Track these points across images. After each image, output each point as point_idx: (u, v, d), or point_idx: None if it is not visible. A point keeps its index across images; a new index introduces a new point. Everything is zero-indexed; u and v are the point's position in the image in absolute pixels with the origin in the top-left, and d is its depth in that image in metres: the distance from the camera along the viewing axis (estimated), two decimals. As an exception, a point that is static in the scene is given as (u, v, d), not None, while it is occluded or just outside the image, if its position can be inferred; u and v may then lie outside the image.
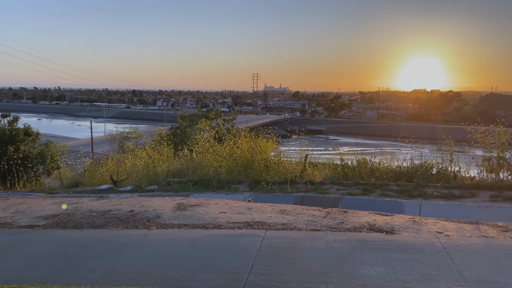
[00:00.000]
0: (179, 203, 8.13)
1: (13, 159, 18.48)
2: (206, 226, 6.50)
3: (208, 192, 12.42)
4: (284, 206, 8.13)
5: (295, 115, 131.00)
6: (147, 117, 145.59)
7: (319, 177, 13.95)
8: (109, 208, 7.75)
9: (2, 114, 21.11)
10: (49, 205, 8.41)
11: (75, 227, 6.64)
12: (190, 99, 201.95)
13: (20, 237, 6.17)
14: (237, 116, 45.44)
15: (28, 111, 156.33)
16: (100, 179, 18.12)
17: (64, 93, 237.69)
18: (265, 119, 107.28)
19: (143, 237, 5.97)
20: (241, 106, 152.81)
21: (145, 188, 13.98)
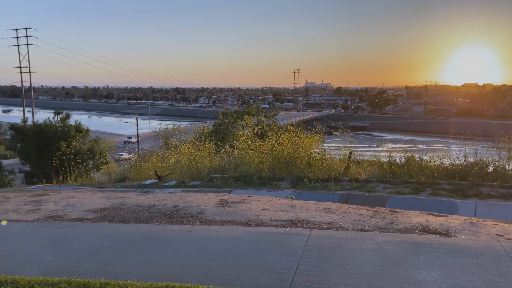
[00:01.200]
0: (222, 199, 8.10)
1: (65, 154, 19.41)
2: (249, 223, 6.39)
3: (249, 189, 12.35)
4: (329, 204, 7.87)
5: (337, 111, 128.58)
6: (190, 114, 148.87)
7: (364, 175, 13.48)
8: (154, 203, 7.85)
9: (55, 112, 22.27)
10: (98, 199, 8.67)
11: (121, 221, 6.77)
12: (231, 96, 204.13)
13: (70, 230, 6.36)
14: (278, 112, 45.25)
15: (79, 109, 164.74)
16: (145, 174, 18.64)
17: (112, 91, 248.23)
18: (306, 115, 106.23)
19: (187, 233, 5.96)
20: (281, 102, 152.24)
21: (188, 184, 14.16)
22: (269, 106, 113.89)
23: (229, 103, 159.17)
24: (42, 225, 6.63)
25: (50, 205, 8.14)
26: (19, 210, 7.73)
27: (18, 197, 9.16)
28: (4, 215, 7.40)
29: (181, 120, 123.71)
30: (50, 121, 21.78)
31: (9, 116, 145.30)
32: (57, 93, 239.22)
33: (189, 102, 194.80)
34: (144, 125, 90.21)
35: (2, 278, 4.56)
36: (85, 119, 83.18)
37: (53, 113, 22.23)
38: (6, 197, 9.04)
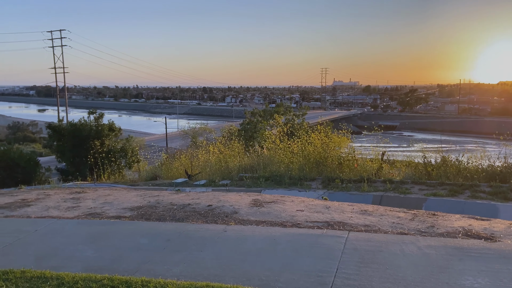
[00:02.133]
0: (255, 199, 8.09)
1: (98, 153, 19.95)
2: (284, 224, 6.35)
3: (280, 189, 12.29)
4: (365, 206, 7.71)
5: (366, 110, 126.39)
6: (217, 113, 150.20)
7: (397, 176, 13.16)
8: (188, 202, 7.93)
9: (89, 111, 22.95)
10: (134, 197, 8.84)
11: (158, 219, 6.87)
12: (258, 95, 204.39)
13: (110, 227, 6.51)
14: (307, 111, 44.91)
15: (110, 108, 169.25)
16: (175, 172, 18.92)
17: (142, 91, 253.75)
18: (334, 114, 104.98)
19: (222, 232, 5.98)
20: (308, 101, 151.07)
21: (218, 183, 14.25)
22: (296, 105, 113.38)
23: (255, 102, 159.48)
24: (82, 222, 6.82)
25: (88, 202, 8.37)
26: (60, 207, 7.99)
27: (57, 194, 9.47)
28: (45, 211, 7.67)
29: (208, 119, 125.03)
30: (85, 120, 22.46)
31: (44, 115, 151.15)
32: (89, 93, 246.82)
33: (216, 101, 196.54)
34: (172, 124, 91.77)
35: (47, 274, 4.70)
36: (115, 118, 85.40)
37: (88, 113, 22.92)
38: (46, 194, 9.37)
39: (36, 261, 5.23)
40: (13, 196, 9.24)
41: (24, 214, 7.47)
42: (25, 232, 6.35)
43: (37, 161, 22.01)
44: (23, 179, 20.33)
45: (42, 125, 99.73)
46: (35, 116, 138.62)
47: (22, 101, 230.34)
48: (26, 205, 8.18)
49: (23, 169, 20.57)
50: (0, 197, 9.08)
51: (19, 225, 6.76)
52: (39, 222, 6.87)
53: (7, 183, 20.16)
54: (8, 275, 4.69)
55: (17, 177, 20.02)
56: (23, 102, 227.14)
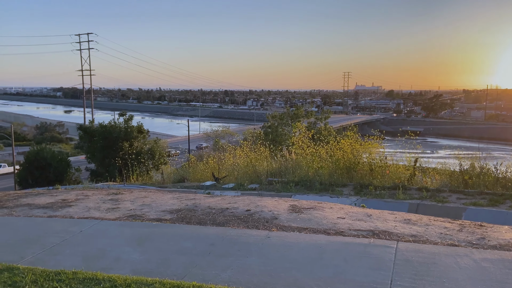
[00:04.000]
0: (292, 205, 8.01)
1: (128, 154, 20.28)
2: (327, 231, 6.25)
3: (310, 194, 12.18)
4: (407, 214, 7.53)
5: (388, 115, 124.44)
6: (238, 116, 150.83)
7: (430, 184, 12.84)
8: (226, 206, 7.92)
9: (120, 113, 23.38)
10: (170, 199, 8.90)
11: (198, 223, 6.88)
12: (279, 99, 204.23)
13: (152, 230, 6.56)
14: (330, 115, 44.54)
15: (134, 110, 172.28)
16: (202, 175, 19.03)
17: (164, 93, 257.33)
18: (356, 119, 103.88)
19: (266, 238, 5.93)
20: (330, 105, 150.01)
21: (247, 186, 14.22)
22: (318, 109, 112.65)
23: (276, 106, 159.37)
24: (125, 224, 6.90)
25: (127, 204, 8.47)
26: (100, 208, 8.11)
27: (95, 195, 9.64)
28: (87, 212, 7.80)
29: (229, 122, 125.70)
30: (114, 122, 22.88)
31: (70, 116, 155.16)
32: (113, 95, 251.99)
33: (237, 104, 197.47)
34: (194, 126, 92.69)
35: (99, 276, 4.76)
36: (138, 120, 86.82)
37: (118, 115, 23.34)
38: (85, 195, 9.55)
39: (85, 262, 5.30)
40: (53, 196, 9.45)
41: (66, 215, 7.61)
42: (70, 232, 6.46)
43: (68, 161, 22.55)
44: (55, 179, 20.87)
45: (68, 125, 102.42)
46: (61, 117, 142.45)
47: (49, 102, 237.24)
48: (67, 205, 8.35)
49: (55, 169, 21.10)
50: (41, 197, 9.30)
51: (63, 225, 6.89)
52: (82, 223, 6.99)
53: (40, 182, 20.73)
54: (61, 275, 4.77)
55: (49, 177, 20.56)
56: (50, 103, 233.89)
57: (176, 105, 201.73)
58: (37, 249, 5.80)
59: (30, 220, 7.27)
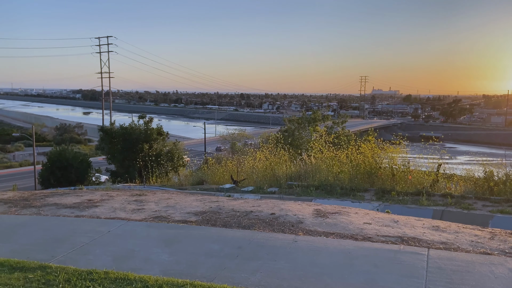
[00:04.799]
0: (316, 209, 7.96)
1: (148, 156, 20.49)
2: (354, 237, 6.18)
3: (331, 199, 12.08)
4: (435, 221, 7.41)
5: (406, 120, 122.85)
6: (254, 120, 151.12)
7: (455, 190, 12.60)
8: (250, 209, 7.92)
9: (140, 116, 23.69)
10: (194, 201, 8.95)
11: (224, 225, 6.89)
12: (295, 102, 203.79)
13: (179, 231, 6.60)
14: (347, 119, 44.17)
15: (151, 112, 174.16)
16: (220, 178, 19.08)
17: (181, 96, 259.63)
18: (372, 123, 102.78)
19: (293, 243, 5.90)
20: (346, 109, 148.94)
21: (266, 190, 14.21)
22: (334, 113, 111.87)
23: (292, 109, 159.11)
24: (151, 225, 6.96)
25: (151, 205, 8.55)
26: (125, 209, 8.21)
27: (119, 196, 9.76)
28: (113, 213, 7.90)
29: (245, 125, 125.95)
30: (135, 124, 23.18)
31: (89, 117, 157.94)
32: (131, 97, 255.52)
33: (253, 107, 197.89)
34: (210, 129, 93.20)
35: (130, 276, 4.80)
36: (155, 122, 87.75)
37: (138, 117, 23.64)
38: (109, 196, 9.68)
39: (115, 262, 5.37)
40: (79, 196, 9.61)
41: (93, 215, 7.73)
42: (99, 232, 6.55)
43: (89, 162, 22.92)
44: (76, 179, 21.23)
45: (87, 127, 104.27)
46: (80, 118, 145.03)
47: (69, 104, 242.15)
48: (94, 205, 8.47)
49: (76, 170, 21.47)
50: (67, 197, 9.47)
51: (91, 225, 7.00)
52: (110, 223, 7.08)
53: (61, 183, 21.13)
54: (93, 275, 4.83)
55: (70, 177, 20.92)
56: (70, 105, 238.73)
57: (192, 107, 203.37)
58: (67, 248, 5.89)
59: (58, 220, 7.40)
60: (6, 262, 5.10)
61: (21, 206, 8.46)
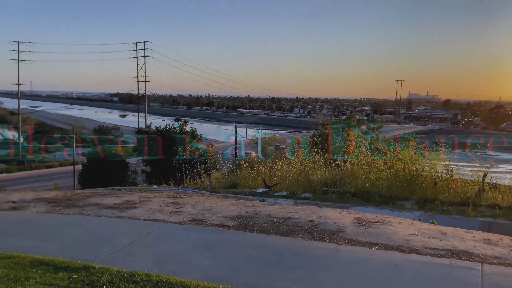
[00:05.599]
0: (357, 218, 7.70)
1: (182, 158, 20.74)
2: (400, 248, 5.90)
3: (369, 207, 11.73)
4: (486, 234, 6.98)
5: (445, 125, 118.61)
6: (284, 124, 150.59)
7: (502, 200, 11.91)
8: (287, 216, 7.77)
9: (175, 119, 24.11)
10: (229, 205, 8.90)
11: (262, 231, 6.77)
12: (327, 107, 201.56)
13: (217, 235, 6.54)
14: (383, 124, 43.20)
15: (184, 115, 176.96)
16: (252, 181, 18.99)
17: (213, 100, 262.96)
18: (408, 129, 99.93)
19: (335, 252, 5.70)
20: (381, 114, 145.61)
21: (300, 195, 14.00)
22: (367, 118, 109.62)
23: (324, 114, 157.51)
24: (189, 228, 6.95)
25: (188, 208, 8.56)
26: (163, 211, 8.26)
27: (157, 198, 9.86)
28: (152, 214, 7.96)
29: (275, 129, 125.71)
30: (170, 127, 23.59)
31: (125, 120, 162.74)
32: (165, 101, 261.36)
33: (284, 111, 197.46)
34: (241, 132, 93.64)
35: (172, 280, 4.77)
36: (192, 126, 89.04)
37: (173, 120, 24.06)
38: (147, 197, 9.80)
39: (156, 265, 5.36)
40: (118, 197, 9.79)
41: (133, 216, 7.82)
42: (139, 234, 6.60)
43: (126, 163, 23.50)
44: (114, 180, 21.80)
45: (123, 129, 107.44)
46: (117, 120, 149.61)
47: (106, 107, 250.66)
48: (133, 207, 8.59)
49: (114, 171, 22.04)
50: (108, 197, 9.66)
51: (132, 226, 7.07)
52: (149, 225, 7.13)
53: (100, 183, 21.77)
54: (135, 277, 4.83)
55: (109, 178, 21.49)
56: (107, 107, 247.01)
57: (223, 111, 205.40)
58: (109, 249, 5.96)
59: (100, 220, 7.54)
60: (51, 261, 5.20)
61: (64, 206, 8.70)
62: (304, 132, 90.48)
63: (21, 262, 5.13)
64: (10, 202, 9.05)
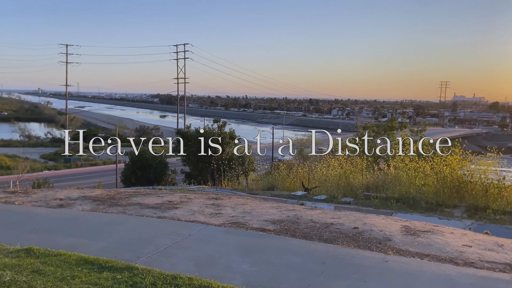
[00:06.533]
0: (405, 226, 7.31)
1: (221, 159, 20.86)
2: (454, 261, 5.50)
3: (415, 214, 11.18)
4: (550, 249, 6.38)
5: (492, 129, 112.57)
6: (322, 125, 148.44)
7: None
8: (330, 221, 7.51)
9: (214, 120, 24.30)
10: (270, 208, 8.75)
11: (304, 237, 6.57)
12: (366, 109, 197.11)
13: (258, 240, 6.41)
14: (427, 127, 41.48)
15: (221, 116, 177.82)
16: (290, 184, 18.75)
17: (250, 101, 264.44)
18: (453, 132, 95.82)
19: (383, 263, 5.39)
20: (424, 117, 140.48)
21: (340, 200, 13.62)
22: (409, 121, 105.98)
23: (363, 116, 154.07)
24: (230, 231, 6.86)
25: (228, 210, 8.50)
26: (204, 212, 8.24)
27: (197, 198, 9.88)
28: (192, 216, 7.96)
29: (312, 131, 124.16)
30: (209, 128, 23.80)
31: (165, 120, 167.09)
32: (203, 102, 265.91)
33: (322, 113, 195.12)
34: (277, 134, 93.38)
35: (214, 284, 4.67)
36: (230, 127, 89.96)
37: (213, 121, 24.27)
38: (187, 198, 9.84)
39: (197, 268, 5.30)
40: (159, 197, 9.90)
41: (174, 216, 7.85)
42: (180, 235, 6.59)
43: (166, 163, 23.97)
44: (154, 179, 22.31)
45: (163, 129, 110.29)
46: (157, 121, 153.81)
47: (147, 108, 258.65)
48: (174, 207, 8.64)
49: (154, 170, 22.55)
50: (149, 197, 9.80)
51: (173, 227, 7.08)
52: (190, 226, 7.11)
53: (141, 182, 22.34)
54: (177, 280, 4.78)
55: (149, 177, 22.01)
56: (148, 108, 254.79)
57: (260, 112, 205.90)
58: (151, 249, 5.97)
59: (142, 220, 7.62)
60: (96, 260, 5.26)
61: (108, 204, 8.90)
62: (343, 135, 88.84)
63: (67, 260, 5.23)
64: (58, 200, 9.38)
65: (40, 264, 5.08)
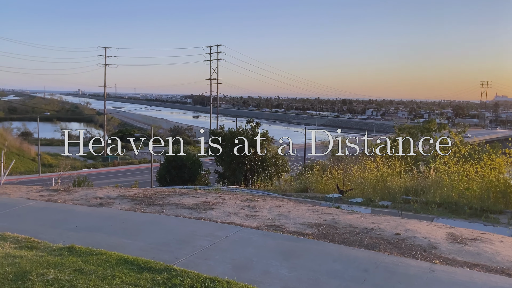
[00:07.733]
0: (450, 233, 6.94)
1: (253, 160, 20.83)
2: (506, 272, 5.14)
3: (457, 219, 10.68)
4: None
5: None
6: (355, 126, 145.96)
7: None
8: (370, 226, 7.25)
9: (248, 121, 24.33)
10: (306, 212, 8.58)
11: (343, 242, 6.36)
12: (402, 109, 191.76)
13: (296, 244, 6.27)
14: (467, 128, 39.78)
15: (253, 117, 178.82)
16: (324, 186, 18.45)
17: (282, 101, 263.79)
18: (494, 133, 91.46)
19: (430, 272, 5.12)
20: (463, 117, 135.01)
21: (377, 203, 13.23)
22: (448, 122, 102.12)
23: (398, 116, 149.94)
24: (266, 234, 6.76)
25: (264, 212, 8.40)
26: (239, 214, 8.19)
27: (231, 199, 9.85)
28: (228, 217, 7.92)
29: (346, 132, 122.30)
30: (242, 129, 23.85)
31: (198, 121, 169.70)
32: (235, 102, 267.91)
33: (355, 114, 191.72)
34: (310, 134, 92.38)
35: (253, 289, 4.58)
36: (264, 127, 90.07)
37: (246, 122, 24.30)
38: (222, 199, 9.83)
39: (234, 271, 5.23)
40: (195, 197, 9.95)
41: (210, 218, 7.84)
42: (217, 237, 6.56)
43: (200, 163, 24.23)
44: (188, 179, 22.61)
45: (196, 129, 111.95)
46: (190, 121, 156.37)
47: (181, 108, 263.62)
48: (209, 208, 8.64)
49: (188, 170, 22.84)
50: (185, 197, 9.86)
51: (209, 228, 7.06)
52: (226, 228, 7.07)
53: (175, 181, 22.70)
54: (215, 284, 4.72)
55: (184, 177, 22.31)
56: (182, 109, 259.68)
57: (292, 113, 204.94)
58: (189, 250, 5.97)
59: (179, 221, 7.66)
60: (135, 261, 5.30)
61: (145, 204, 9.03)
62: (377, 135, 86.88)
63: (108, 259, 5.29)
64: (98, 198, 9.62)
65: (82, 263, 5.17)
